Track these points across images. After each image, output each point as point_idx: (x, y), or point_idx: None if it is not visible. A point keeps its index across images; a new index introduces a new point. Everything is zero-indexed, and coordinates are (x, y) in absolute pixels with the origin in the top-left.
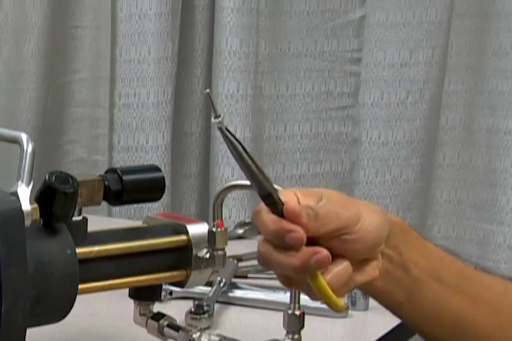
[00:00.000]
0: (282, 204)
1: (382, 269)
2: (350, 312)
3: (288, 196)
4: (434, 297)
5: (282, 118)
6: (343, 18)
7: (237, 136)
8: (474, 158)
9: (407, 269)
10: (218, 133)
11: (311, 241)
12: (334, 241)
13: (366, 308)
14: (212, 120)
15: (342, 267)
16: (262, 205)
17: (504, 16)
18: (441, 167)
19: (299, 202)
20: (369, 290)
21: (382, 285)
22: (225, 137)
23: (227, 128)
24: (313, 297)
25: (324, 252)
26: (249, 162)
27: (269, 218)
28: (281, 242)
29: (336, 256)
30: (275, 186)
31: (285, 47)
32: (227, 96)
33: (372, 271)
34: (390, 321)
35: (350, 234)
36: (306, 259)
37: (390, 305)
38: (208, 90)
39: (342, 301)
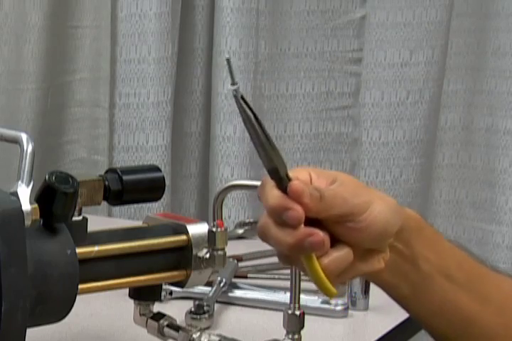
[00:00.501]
0: (289, 180)
1: (390, 262)
2: (350, 312)
3: (301, 174)
4: (442, 293)
5: (282, 118)
6: (343, 18)
7: (238, 136)
8: (473, 158)
9: (417, 264)
10: (218, 133)
11: (316, 223)
12: (338, 227)
13: (366, 308)
14: (229, 87)
15: (342, 253)
16: (269, 179)
17: (504, 16)
18: (440, 167)
19: (311, 182)
20: (375, 280)
21: (388, 278)
22: (240, 106)
23: (242, 97)
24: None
25: (320, 235)
26: (260, 133)
27: (272, 193)
28: (279, 218)
29: (340, 241)
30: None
31: (285, 47)
32: (227, 96)
33: (376, 262)
34: (390, 321)
35: (354, 222)
36: (300, 239)
37: (395, 297)
38: (228, 56)
39: (333, 287)
